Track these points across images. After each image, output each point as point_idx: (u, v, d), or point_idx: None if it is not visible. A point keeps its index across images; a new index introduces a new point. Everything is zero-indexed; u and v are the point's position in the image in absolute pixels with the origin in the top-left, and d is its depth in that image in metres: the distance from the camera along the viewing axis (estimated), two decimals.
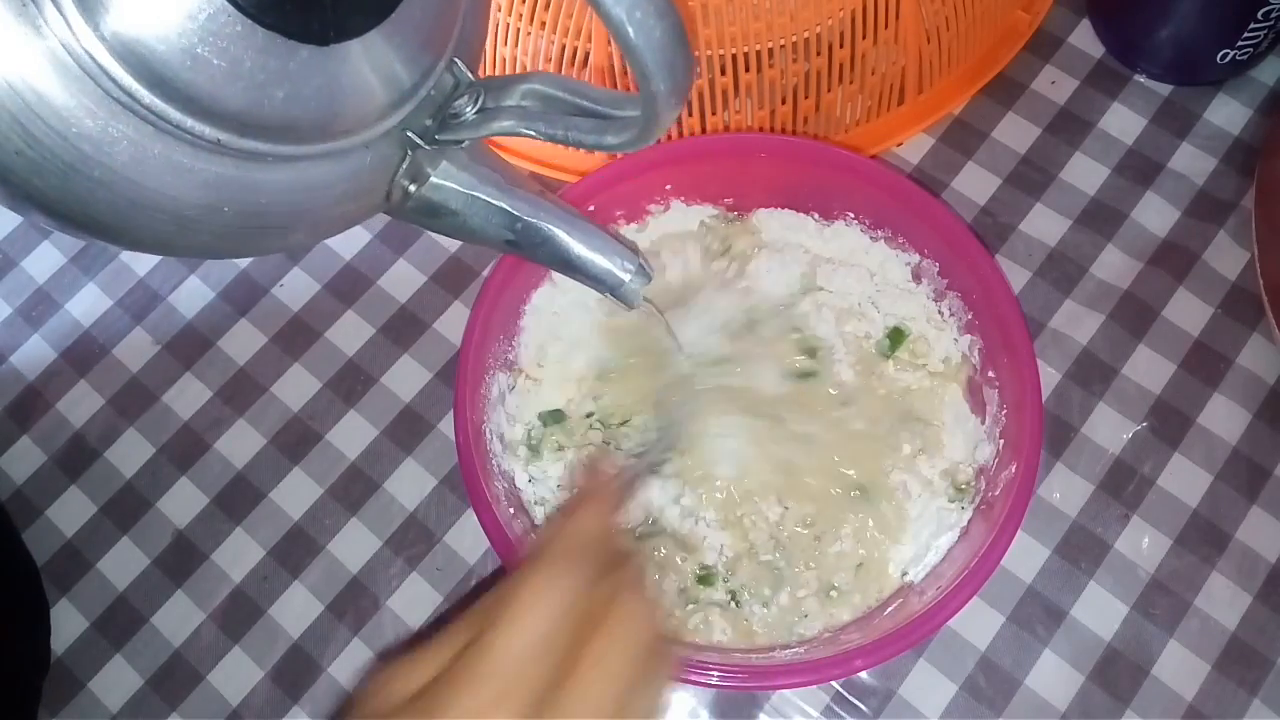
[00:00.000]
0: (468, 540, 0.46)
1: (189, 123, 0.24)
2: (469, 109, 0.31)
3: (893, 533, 0.43)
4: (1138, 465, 0.46)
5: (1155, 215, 0.51)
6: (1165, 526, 0.45)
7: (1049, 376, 0.48)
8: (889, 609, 0.41)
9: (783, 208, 0.48)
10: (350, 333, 0.50)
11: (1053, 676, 0.43)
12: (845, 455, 0.44)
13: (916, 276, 0.46)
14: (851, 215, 0.46)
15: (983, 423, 0.43)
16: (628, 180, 0.45)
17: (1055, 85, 0.54)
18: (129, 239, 0.27)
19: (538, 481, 0.44)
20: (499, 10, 0.47)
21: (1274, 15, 0.48)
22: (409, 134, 0.30)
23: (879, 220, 0.46)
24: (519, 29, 0.47)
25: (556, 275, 0.46)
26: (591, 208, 0.45)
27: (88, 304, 0.52)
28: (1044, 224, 0.51)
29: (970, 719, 0.43)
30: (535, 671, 0.26)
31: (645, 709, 0.28)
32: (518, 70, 0.49)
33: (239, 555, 0.47)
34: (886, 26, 0.48)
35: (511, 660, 0.26)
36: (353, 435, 0.48)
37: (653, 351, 0.45)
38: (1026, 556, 0.45)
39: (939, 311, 0.46)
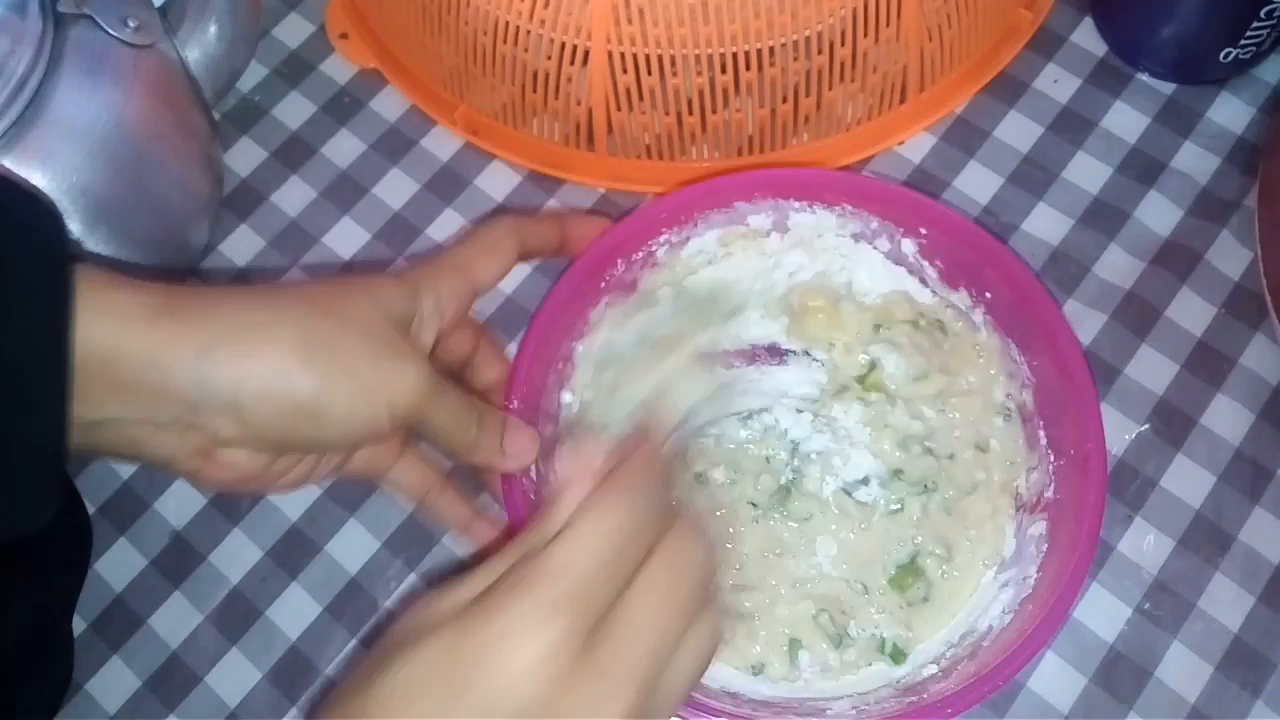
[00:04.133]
0: (467, 541, 0.46)
1: None
2: None
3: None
4: (1140, 466, 0.46)
5: (1158, 215, 0.51)
6: (1168, 527, 0.45)
7: None
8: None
9: None
10: None
11: (1055, 679, 0.43)
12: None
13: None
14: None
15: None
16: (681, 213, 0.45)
17: (1058, 84, 0.54)
18: None
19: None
20: (499, 8, 0.47)
21: (1277, 14, 0.48)
22: None
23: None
24: (519, 26, 0.47)
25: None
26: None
27: None
28: (1046, 223, 0.51)
29: None
30: (597, 586, 0.26)
31: (694, 650, 0.28)
32: (517, 68, 0.48)
33: (237, 556, 0.46)
34: (888, 24, 0.47)
35: (576, 570, 0.26)
36: None
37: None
38: None
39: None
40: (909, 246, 0.45)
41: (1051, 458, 0.42)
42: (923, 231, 0.45)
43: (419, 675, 0.26)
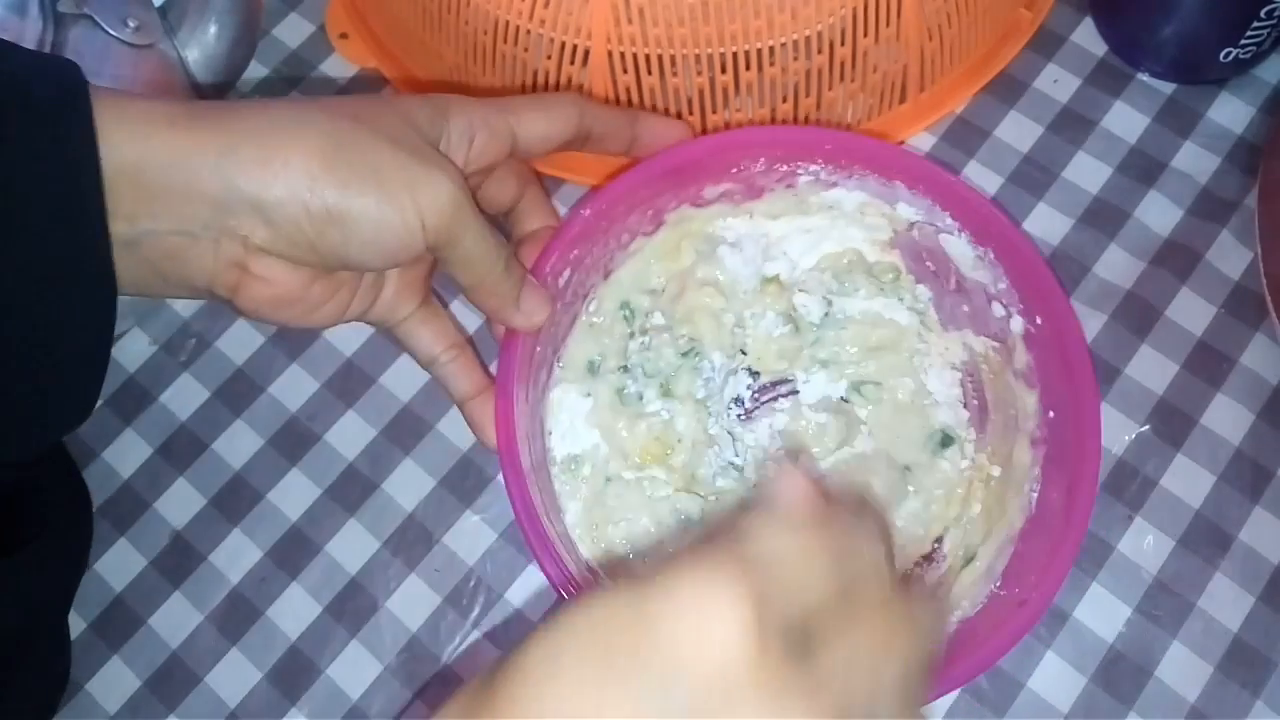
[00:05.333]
0: (466, 541, 0.46)
1: None
2: None
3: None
4: (1140, 466, 0.46)
5: (1158, 214, 0.51)
6: (1168, 527, 0.45)
7: None
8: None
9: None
10: (348, 332, 0.50)
11: (1055, 678, 0.43)
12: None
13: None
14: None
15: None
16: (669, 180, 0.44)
17: (1058, 84, 0.54)
18: None
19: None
20: (499, 8, 0.47)
21: (1277, 14, 0.48)
22: None
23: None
24: (519, 26, 0.47)
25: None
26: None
27: None
28: (1046, 223, 0.51)
29: None
30: (785, 585, 0.23)
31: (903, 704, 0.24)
32: (518, 68, 0.48)
33: (237, 556, 0.46)
34: (888, 24, 0.47)
35: (766, 560, 0.23)
36: (351, 435, 0.48)
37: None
38: None
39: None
40: (1018, 325, 0.43)
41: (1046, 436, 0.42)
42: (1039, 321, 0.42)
43: (579, 636, 0.22)
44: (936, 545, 0.43)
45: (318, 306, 0.35)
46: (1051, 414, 0.41)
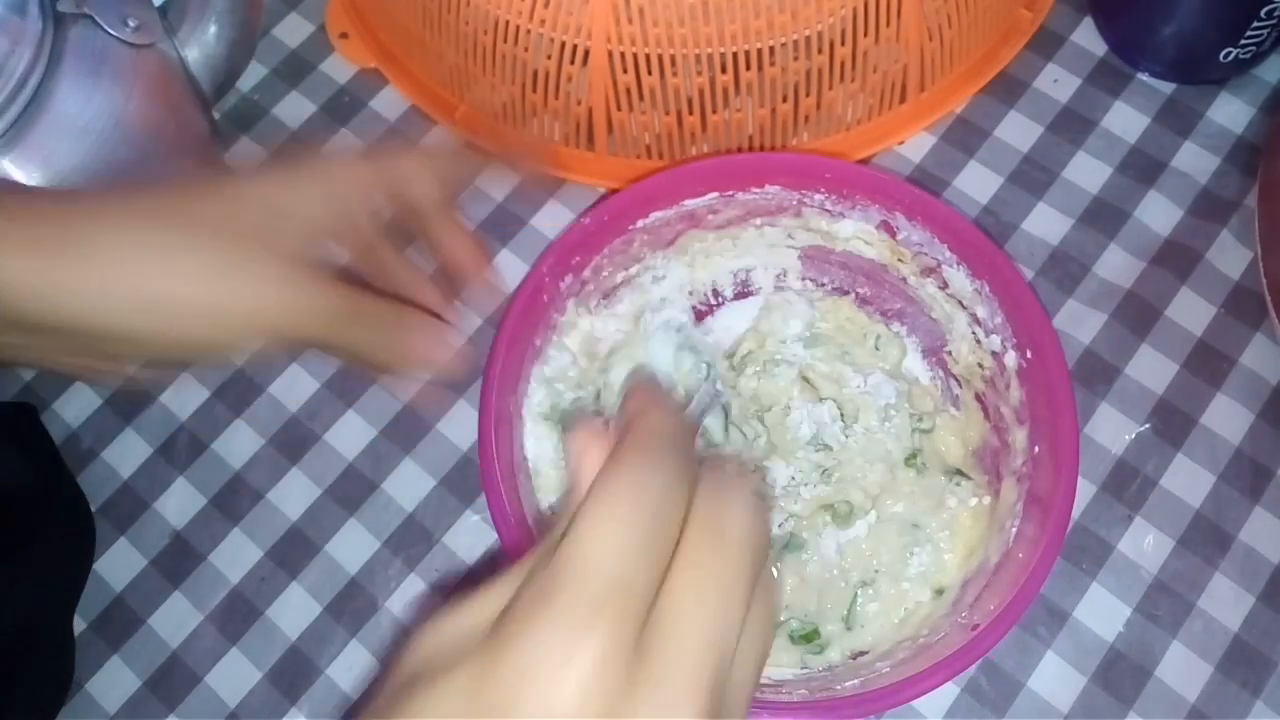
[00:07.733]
0: (466, 540, 0.46)
1: None
2: None
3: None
4: (1140, 466, 0.46)
5: (1158, 214, 0.51)
6: (1168, 527, 0.45)
7: None
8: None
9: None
10: None
11: (1055, 678, 0.43)
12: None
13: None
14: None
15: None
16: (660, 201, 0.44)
17: (1058, 84, 0.54)
18: None
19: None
20: (499, 8, 0.47)
21: (1277, 14, 0.48)
22: None
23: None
24: (519, 26, 0.47)
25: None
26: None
27: None
28: (1046, 223, 0.51)
29: None
30: (634, 576, 0.22)
31: (754, 633, 0.23)
32: (518, 68, 0.48)
33: (237, 556, 0.46)
34: (888, 24, 0.47)
35: (604, 564, 0.21)
36: (351, 435, 0.48)
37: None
38: None
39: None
40: (1011, 360, 0.43)
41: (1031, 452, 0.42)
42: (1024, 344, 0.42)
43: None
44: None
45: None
46: (1036, 449, 0.41)
